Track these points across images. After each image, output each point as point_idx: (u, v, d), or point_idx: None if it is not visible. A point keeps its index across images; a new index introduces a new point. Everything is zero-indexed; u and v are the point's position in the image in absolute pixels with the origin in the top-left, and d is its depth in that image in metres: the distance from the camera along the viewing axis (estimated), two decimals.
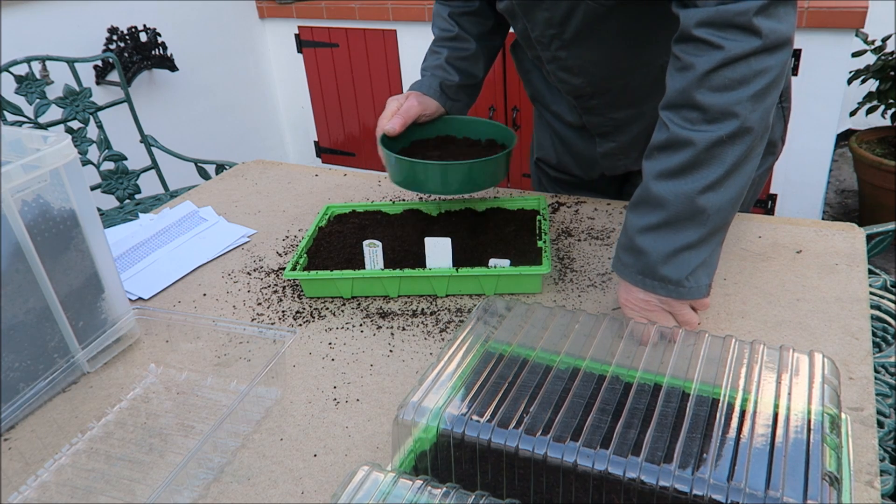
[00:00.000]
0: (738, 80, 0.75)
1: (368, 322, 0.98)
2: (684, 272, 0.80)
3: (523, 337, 0.74)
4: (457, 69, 1.16)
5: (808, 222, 1.13)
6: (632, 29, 0.99)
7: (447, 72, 1.16)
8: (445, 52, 1.17)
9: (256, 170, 1.53)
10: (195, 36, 2.98)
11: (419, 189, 1.04)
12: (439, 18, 1.20)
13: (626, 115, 1.14)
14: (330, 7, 3.08)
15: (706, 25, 0.76)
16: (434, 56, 1.18)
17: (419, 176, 1.03)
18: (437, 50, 1.18)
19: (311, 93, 3.40)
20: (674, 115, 0.79)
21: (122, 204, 2.24)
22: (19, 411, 0.83)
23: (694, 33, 0.77)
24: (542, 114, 1.32)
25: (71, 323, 0.87)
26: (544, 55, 1.08)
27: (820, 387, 0.64)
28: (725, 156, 0.77)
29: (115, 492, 0.73)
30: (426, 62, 1.18)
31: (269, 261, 1.16)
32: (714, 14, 0.75)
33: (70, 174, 0.84)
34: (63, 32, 2.47)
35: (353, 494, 0.57)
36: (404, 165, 1.02)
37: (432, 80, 1.15)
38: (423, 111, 1.12)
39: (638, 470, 0.57)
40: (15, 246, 0.79)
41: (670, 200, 0.79)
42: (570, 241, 1.14)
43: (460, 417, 0.63)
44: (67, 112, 2.11)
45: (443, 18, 1.19)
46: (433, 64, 1.17)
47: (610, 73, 1.07)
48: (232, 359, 0.91)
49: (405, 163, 1.02)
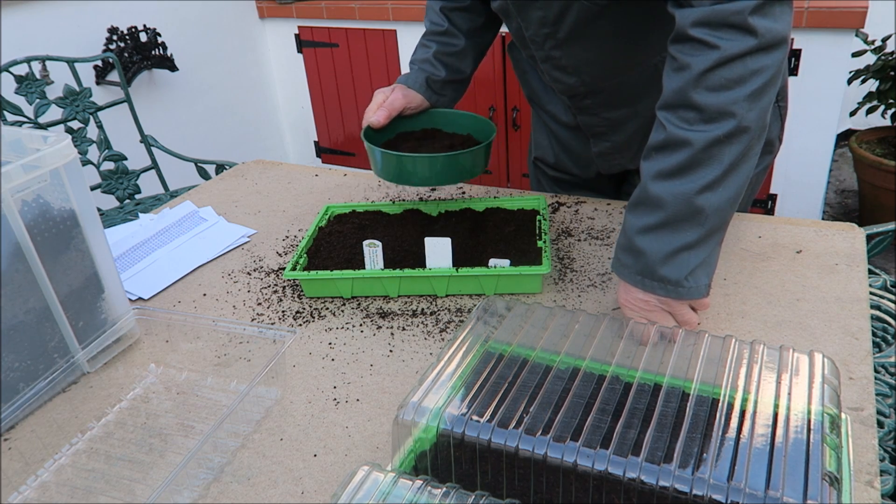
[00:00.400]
0: (734, 79, 0.75)
1: (368, 322, 0.98)
2: (683, 272, 0.80)
3: (523, 337, 0.74)
4: (444, 64, 1.17)
5: (808, 222, 1.13)
6: (625, 28, 0.99)
7: (434, 66, 1.17)
8: (434, 47, 1.18)
9: (256, 170, 1.53)
10: (195, 36, 2.98)
11: (399, 180, 1.07)
12: (431, 12, 1.21)
13: (619, 115, 1.15)
14: (330, 7, 3.08)
15: (702, 25, 0.76)
16: (423, 50, 1.19)
17: (401, 167, 1.05)
18: (427, 44, 1.19)
19: (311, 93, 3.40)
20: (671, 116, 0.79)
21: (122, 204, 2.24)
22: (19, 411, 0.83)
23: (690, 33, 0.77)
24: (539, 114, 1.32)
25: (71, 323, 0.87)
26: (538, 54, 1.08)
27: (820, 387, 0.64)
28: (723, 155, 0.77)
29: (115, 492, 0.73)
30: (415, 55, 1.20)
31: (269, 261, 1.16)
32: (709, 13, 0.76)
33: (70, 174, 0.84)
34: (63, 32, 2.47)
35: (353, 494, 0.57)
36: (388, 158, 1.05)
37: (419, 74, 1.17)
38: (407, 104, 1.14)
39: (638, 470, 0.57)
40: (15, 246, 0.79)
41: (668, 201, 0.79)
42: (570, 241, 1.14)
43: (460, 417, 0.63)
44: (67, 112, 2.11)
45: (434, 13, 1.20)
46: (421, 57, 1.18)
47: (604, 72, 1.07)
48: (232, 359, 0.91)
49: (388, 156, 1.05)
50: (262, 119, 3.48)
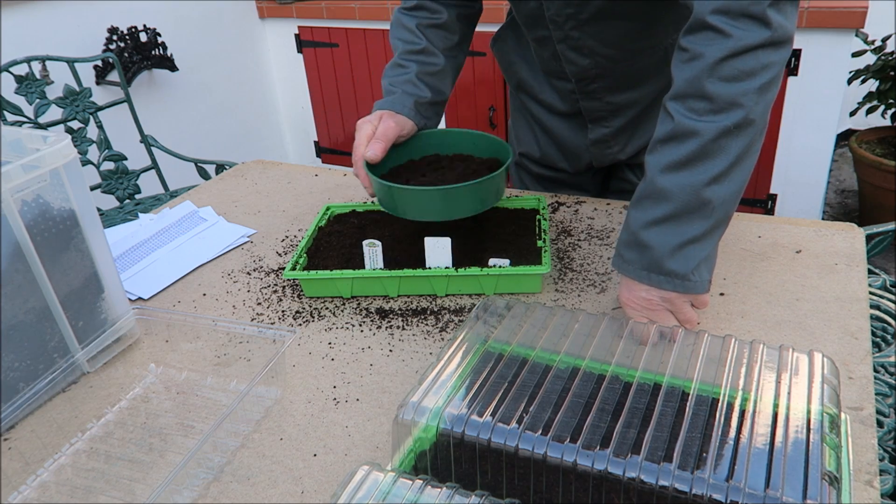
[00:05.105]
0: (746, 71, 0.76)
1: (368, 322, 0.98)
2: (690, 266, 0.80)
3: (523, 336, 0.74)
4: (427, 85, 1.11)
5: (808, 222, 1.13)
6: (646, 8, 1.02)
7: (418, 88, 1.10)
8: (414, 67, 1.10)
9: (256, 170, 1.53)
10: (195, 36, 2.98)
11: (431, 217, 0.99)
12: (402, 30, 1.13)
13: (623, 99, 1.16)
14: (330, 7, 3.08)
15: (721, 13, 0.77)
16: (401, 70, 1.11)
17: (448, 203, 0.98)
18: (403, 63, 1.11)
19: (311, 93, 3.40)
20: (679, 106, 0.80)
21: (122, 204, 2.24)
22: (19, 411, 0.83)
23: (708, 20, 0.78)
24: (527, 104, 1.31)
25: (71, 323, 0.87)
26: (556, 34, 1.09)
27: (819, 386, 0.64)
28: (731, 147, 0.78)
29: (115, 491, 0.73)
30: (392, 77, 1.11)
31: (268, 261, 1.16)
32: (730, 2, 0.77)
33: (70, 174, 0.84)
34: (63, 32, 2.47)
35: (353, 494, 0.57)
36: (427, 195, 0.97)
37: (404, 97, 1.09)
38: (400, 131, 1.07)
39: (638, 469, 0.57)
40: (15, 246, 0.79)
41: (676, 193, 0.79)
42: (569, 240, 1.14)
43: (460, 417, 0.63)
44: (67, 112, 2.11)
45: (408, 30, 1.13)
46: (402, 79, 1.10)
47: (619, 53, 1.09)
48: (232, 359, 0.91)
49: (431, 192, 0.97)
50: (262, 119, 3.48)
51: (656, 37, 1.08)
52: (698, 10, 0.79)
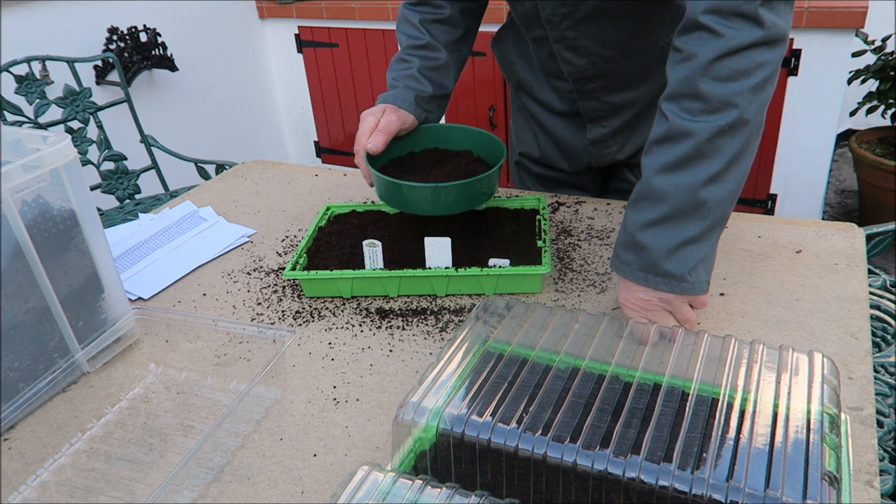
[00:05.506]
0: (740, 70, 0.76)
1: (368, 322, 0.98)
2: (687, 266, 0.80)
3: (523, 337, 0.74)
4: (429, 80, 1.13)
5: (808, 222, 1.13)
6: (641, 7, 1.01)
7: (420, 82, 1.12)
8: (417, 62, 1.13)
9: (256, 170, 1.53)
10: (195, 36, 2.98)
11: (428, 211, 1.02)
12: (407, 25, 1.16)
13: (620, 99, 1.16)
14: (330, 7, 3.08)
15: (713, 12, 0.77)
16: (404, 65, 1.13)
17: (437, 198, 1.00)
18: (407, 58, 1.14)
19: (311, 93, 3.40)
20: (673, 106, 0.80)
21: (122, 204, 2.24)
22: (19, 411, 0.83)
23: (700, 20, 0.78)
24: (527, 104, 1.31)
25: (71, 323, 0.87)
26: (552, 34, 1.09)
27: (819, 387, 0.64)
28: (726, 147, 0.77)
29: (115, 491, 0.73)
30: (395, 71, 1.14)
31: (268, 261, 1.16)
32: (722, 1, 0.77)
33: (70, 174, 0.84)
34: (63, 32, 2.47)
35: (353, 494, 0.57)
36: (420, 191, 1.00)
37: (406, 91, 1.11)
38: (402, 125, 1.09)
39: (637, 469, 0.57)
40: (15, 246, 0.79)
41: (672, 194, 0.79)
42: (569, 240, 1.14)
43: (460, 417, 0.63)
44: (67, 112, 2.11)
45: (412, 25, 1.15)
46: (405, 74, 1.12)
47: (616, 53, 1.09)
48: (232, 359, 0.91)
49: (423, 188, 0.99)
50: (262, 119, 3.48)
51: (652, 36, 1.08)
52: (691, 10, 0.79)
